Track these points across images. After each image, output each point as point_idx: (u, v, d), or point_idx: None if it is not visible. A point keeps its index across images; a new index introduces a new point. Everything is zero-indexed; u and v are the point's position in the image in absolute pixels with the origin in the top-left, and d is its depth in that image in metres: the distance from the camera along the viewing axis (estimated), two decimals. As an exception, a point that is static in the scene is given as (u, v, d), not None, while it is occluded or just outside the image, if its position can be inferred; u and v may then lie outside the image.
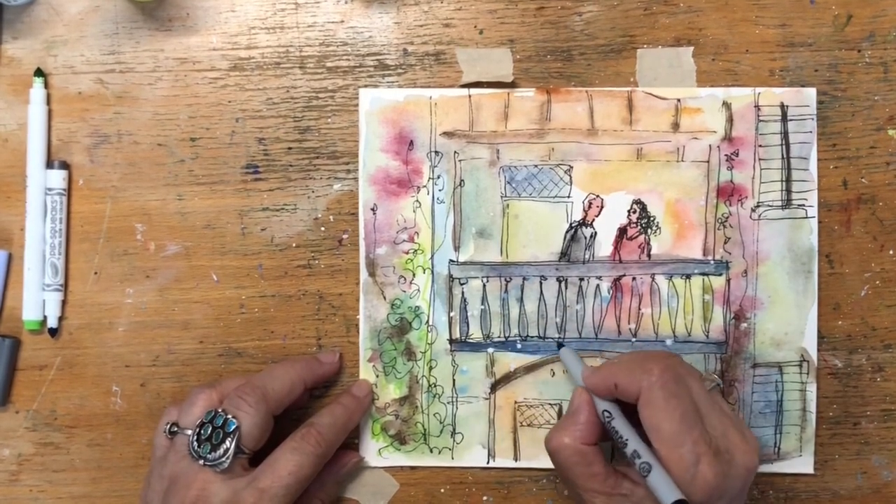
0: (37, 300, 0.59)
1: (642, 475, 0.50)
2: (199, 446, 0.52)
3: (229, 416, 0.53)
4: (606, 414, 0.53)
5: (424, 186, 0.60)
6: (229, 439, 0.52)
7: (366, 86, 0.60)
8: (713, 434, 0.50)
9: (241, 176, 0.60)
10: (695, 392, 0.51)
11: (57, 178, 0.59)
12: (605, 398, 0.54)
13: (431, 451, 0.60)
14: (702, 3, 0.59)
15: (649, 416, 0.50)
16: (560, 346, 0.59)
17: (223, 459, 0.52)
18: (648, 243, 0.59)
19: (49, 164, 0.60)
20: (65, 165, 0.60)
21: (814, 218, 0.59)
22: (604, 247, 0.59)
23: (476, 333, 0.60)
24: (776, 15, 0.59)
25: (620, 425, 0.52)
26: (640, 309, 0.59)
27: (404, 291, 0.60)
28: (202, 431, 0.53)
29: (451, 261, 0.60)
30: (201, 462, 0.52)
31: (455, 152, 0.60)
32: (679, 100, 0.59)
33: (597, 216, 0.59)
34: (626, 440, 0.52)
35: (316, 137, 0.60)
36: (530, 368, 0.60)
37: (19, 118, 0.60)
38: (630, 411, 0.53)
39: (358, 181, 0.60)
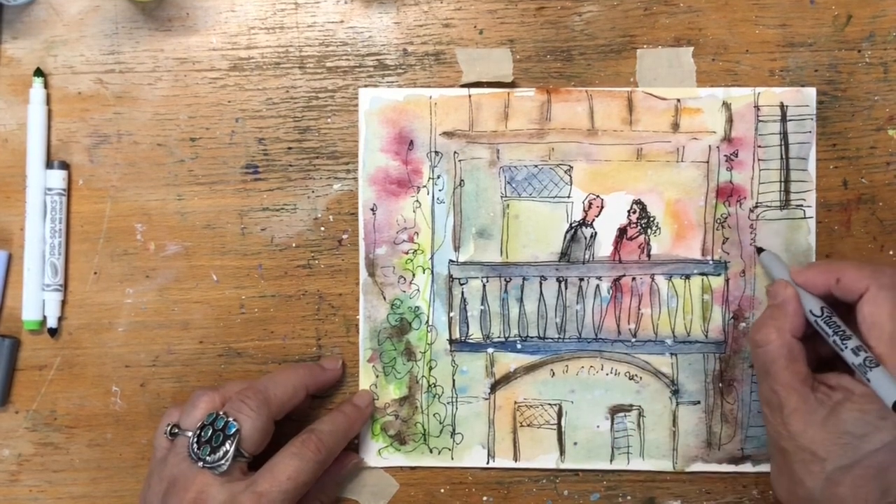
0: (36, 300, 0.59)
1: (862, 372, 0.49)
2: (198, 448, 0.52)
3: (230, 419, 0.53)
4: (823, 310, 0.53)
5: (424, 186, 0.60)
6: (229, 442, 0.52)
7: (366, 86, 0.60)
8: None
9: (240, 176, 0.60)
10: None
11: (57, 178, 0.59)
12: (817, 294, 0.53)
13: (431, 452, 0.60)
14: (702, 3, 0.59)
15: (874, 314, 0.50)
16: (760, 250, 0.58)
17: (222, 462, 0.52)
18: (648, 243, 0.59)
19: (49, 164, 0.59)
20: (65, 165, 0.60)
21: (812, 218, 0.59)
22: (604, 247, 0.59)
23: (476, 334, 0.60)
24: (776, 15, 0.59)
25: (836, 320, 0.52)
26: (639, 309, 0.59)
27: (404, 291, 0.60)
28: (202, 433, 0.53)
29: (451, 261, 0.60)
30: (200, 464, 0.52)
31: (455, 152, 0.60)
32: (679, 100, 0.59)
33: (597, 216, 0.59)
34: (850, 335, 0.51)
35: (316, 137, 0.60)
36: (530, 369, 0.60)
37: (19, 118, 0.60)
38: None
39: (358, 181, 0.60)
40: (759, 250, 0.59)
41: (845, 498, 0.51)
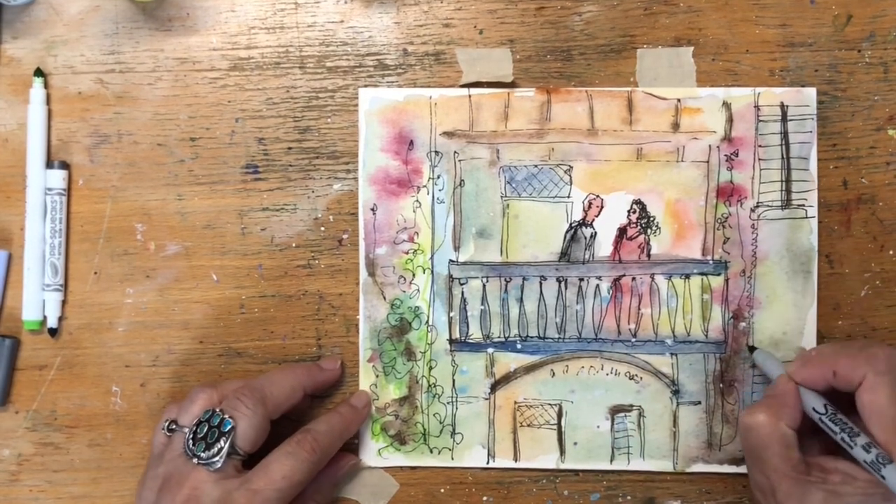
0: (37, 300, 0.59)
1: (875, 469, 0.49)
2: (194, 444, 0.53)
3: (226, 416, 0.53)
4: (826, 407, 0.53)
5: (424, 186, 0.60)
6: (224, 439, 0.52)
7: (366, 86, 0.60)
8: None
9: (240, 176, 0.60)
10: None
11: (57, 178, 0.59)
12: (817, 389, 0.53)
13: (431, 452, 0.60)
14: (702, 3, 0.59)
15: (873, 402, 0.50)
16: (752, 349, 0.58)
17: (216, 459, 0.52)
18: (648, 243, 0.59)
19: (49, 164, 0.60)
20: (65, 165, 0.60)
21: (814, 218, 0.59)
22: (603, 247, 0.59)
23: (476, 334, 0.60)
24: (776, 15, 0.59)
25: (843, 418, 0.52)
26: (639, 309, 0.59)
27: (404, 291, 0.60)
28: (198, 430, 0.53)
29: (451, 261, 0.60)
30: (195, 460, 0.52)
31: (455, 152, 0.60)
32: (679, 100, 0.59)
33: (597, 216, 0.59)
34: (857, 431, 0.51)
35: (316, 137, 0.60)
36: (530, 369, 0.60)
37: (19, 118, 0.60)
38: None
39: (358, 181, 0.60)
40: (752, 349, 0.59)
41: None
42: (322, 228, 0.60)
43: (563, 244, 0.59)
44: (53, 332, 0.60)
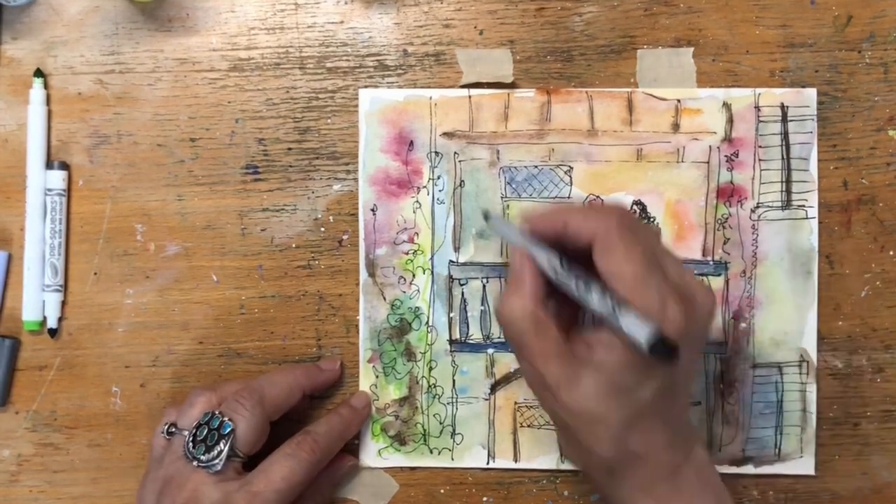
0: (36, 301, 0.59)
1: (613, 320, 0.46)
2: (193, 447, 0.53)
3: (225, 419, 0.53)
4: (562, 261, 0.49)
5: (424, 187, 0.60)
6: (223, 441, 0.52)
7: (366, 86, 0.60)
8: (673, 279, 0.48)
9: (240, 176, 0.60)
10: (650, 239, 0.49)
11: (57, 178, 0.59)
12: (547, 243, 0.50)
13: (431, 452, 0.60)
14: (702, 3, 0.59)
15: (609, 262, 0.47)
16: (486, 216, 0.56)
17: (216, 461, 0.52)
18: (648, 244, 0.59)
19: (49, 165, 0.59)
20: (64, 166, 0.60)
21: (814, 219, 0.59)
22: (604, 247, 0.59)
23: (476, 334, 0.60)
24: (776, 15, 0.59)
25: (576, 271, 0.48)
26: (640, 309, 0.59)
27: (404, 292, 0.60)
28: (198, 432, 0.53)
29: (451, 261, 0.60)
30: (195, 463, 0.52)
31: (455, 153, 0.60)
32: (679, 101, 0.59)
33: (597, 217, 0.59)
34: (589, 284, 0.47)
35: (316, 138, 0.60)
36: (530, 369, 0.60)
37: (19, 118, 0.60)
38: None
39: (358, 182, 0.60)
40: (486, 216, 0.56)
41: (637, 450, 0.48)
42: (322, 229, 0.60)
43: (564, 245, 0.59)
44: (53, 332, 0.60)
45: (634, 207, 0.59)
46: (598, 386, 0.47)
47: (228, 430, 0.53)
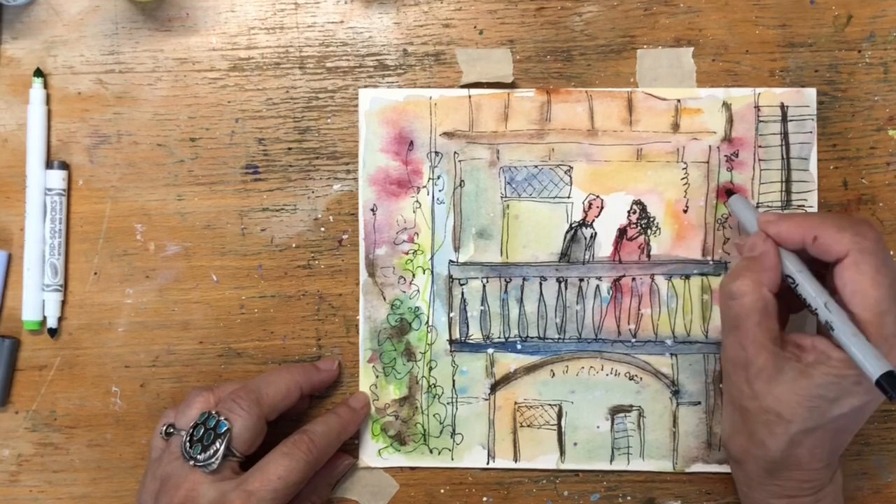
0: (36, 300, 0.59)
1: (840, 336, 0.47)
2: (190, 447, 0.53)
3: (222, 418, 0.53)
4: (790, 278, 0.50)
5: (424, 187, 0.60)
6: (220, 441, 0.52)
7: (366, 86, 0.60)
8: None
9: (240, 176, 0.60)
10: (894, 267, 0.49)
11: (56, 178, 0.59)
12: (788, 249, 0.51)
13: (431, 452, 0.60)
14: (702, 3, 0.59)
15: (855, 280, 0.48)
16: (730, 192, 0.57)
17: (212, 461, 0.52)
18: (648, 244, 0.59)
19: (49, 165, 0.59)
20: (64, 166, 0.60)
21: (814, 218, 0.59)
22: (604, 247, 0.59)
23: (476, 334, 0.60)
24: (776, 15, 0.59)
25: (811, 285, 0.49)
26: (639, 309, 0.59)
27: (404, 292, 0.60)
28: (195, 432, 0.53)
29: (451, 261, 0.60)
30: (192, 463, 0.52)
31: (455, 153, 0.60)
32: (679, 100, 0.59)
33: (597, 217, 0.59)
34: (825, 301, 0.49)
35: (316, 138, 0.60)
36: (530, 369, 0.60)
37: (19, 118, 0.60)
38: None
39: (358, 181, 0.60)
40: (729, 193, 0.57)
41: (801, 458, 0.50)
42: (322, 229, 0.60)
43: (564, 245, 0.59)
44: (53, 332, 0.60)
45: (634, 207, 0.59)
46: (797, 388, 0.49)
47: (224, 429, 0.53)
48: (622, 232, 0.59)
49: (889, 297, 0.48)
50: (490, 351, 0.60)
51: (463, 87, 0.59)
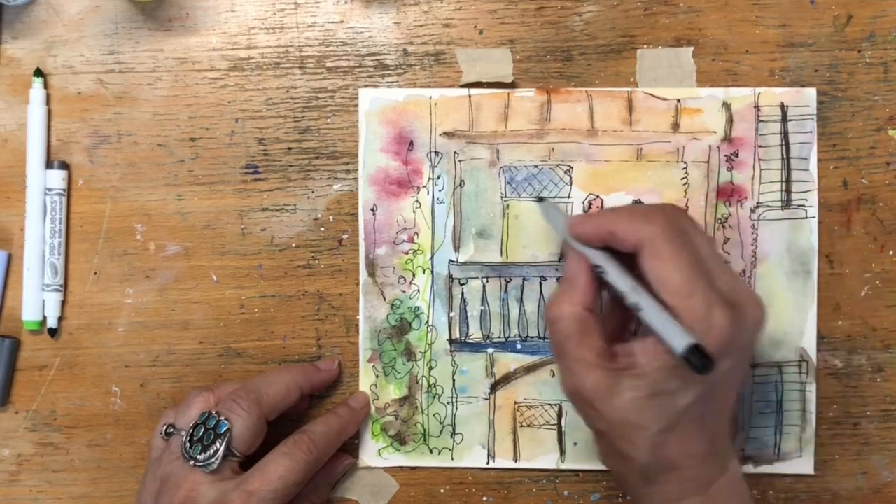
0: (36, 300, 0.59)
1: (653, 325, 0.47)
2: (190, 447, 0.53)
3: (221, 418, 0.53)
4: (599, 268, 0.49)
5: (424, 187, 0.60)
6: (220, 441, 0.52)
7: (366, 86, 0.60)
8: (721, 287, 0.48)
9: (240, 176, 0.60)
10: (700, 244, 0.49)
11: (56, 178, 0.59)
12: (595, 248, 0.50)
13: (431, 452, 0.60)
14: (702, 3, 0.59)
15: (655, 267, 0.47)
16: (541, 199, 0.56)
17: (212, 461, 0.52)
18: (648, 244, 0.59)
19: (49, 165, 0.59)
20: (64, 165, 0.60)
21: (814, 218, 0.59)
22: (604, 247, 0.59)
23: (476, 334, 0.60)
24: (776, 15, 0.59)
25: (618, 277, 0.49)
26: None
27: (404, 292, 0.60)
28: (195, 432, 0.53)
29: (451, 261, 0.60)
30: (192, 463, 0.52)
31: (455, 152, 0.60)
32: (679, 100, 0.59)
33: (597, 216, 0.59)
34: (626, 291, 0.48)
35: (316, 137, 0.60)
36: (530, 369, 0.60)
37: (19, 118, 0.60)
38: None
39: (358, 181, 0.60)
40: (540, 199, 0.56)
41: (674, 458, 0.48)
42: (322, 229, 0.60)
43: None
44: (53, 332, 0.60)
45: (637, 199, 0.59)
46: (636, 394, 0.47)
47: (224, 429, 0.53)
48: (622, 232, 0.59)
49: (692, 279, 0.47)
50: (490, 351, 0.60)
51: (463, 86, 0.59)
